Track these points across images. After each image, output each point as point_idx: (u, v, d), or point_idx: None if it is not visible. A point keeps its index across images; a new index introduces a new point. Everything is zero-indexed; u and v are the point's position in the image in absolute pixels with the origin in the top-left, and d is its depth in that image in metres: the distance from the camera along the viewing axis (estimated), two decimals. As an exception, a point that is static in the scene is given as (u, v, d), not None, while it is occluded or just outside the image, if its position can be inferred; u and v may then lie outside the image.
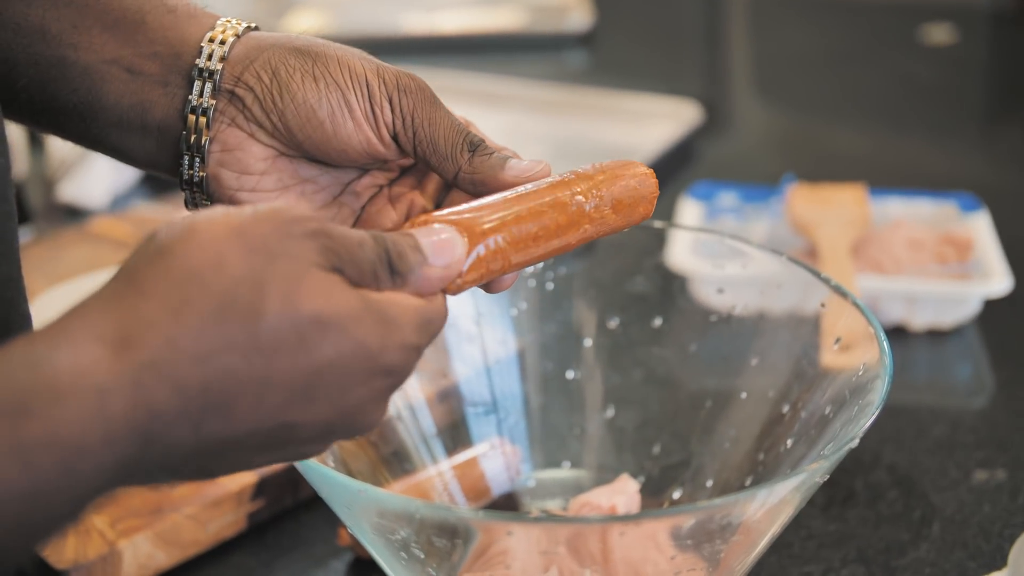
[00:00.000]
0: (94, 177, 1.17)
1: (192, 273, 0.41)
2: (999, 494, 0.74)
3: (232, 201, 0.55)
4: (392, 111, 0.54)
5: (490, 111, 1.38)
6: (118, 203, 1.18)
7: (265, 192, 0.55)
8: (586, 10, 1.71)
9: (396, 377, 0.45)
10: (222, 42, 0.54)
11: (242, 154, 0.54)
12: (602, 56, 1.68)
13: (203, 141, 0.54)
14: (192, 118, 0.54)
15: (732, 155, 1.35)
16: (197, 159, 0.54)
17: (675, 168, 1.26)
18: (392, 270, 0.45)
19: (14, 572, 0.60)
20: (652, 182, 0.55)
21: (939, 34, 1.64)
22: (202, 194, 0.55)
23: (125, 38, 0.54)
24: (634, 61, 1.68)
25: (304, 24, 1.73)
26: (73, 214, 1.17)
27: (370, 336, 0.43)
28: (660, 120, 1.34)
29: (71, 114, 0.55)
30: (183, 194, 0.56)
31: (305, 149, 0.54)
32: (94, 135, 0.56)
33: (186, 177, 0.55)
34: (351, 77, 0.54)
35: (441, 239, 0.47)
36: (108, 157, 0.57)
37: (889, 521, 0.73)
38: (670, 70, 1.63)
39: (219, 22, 0.55)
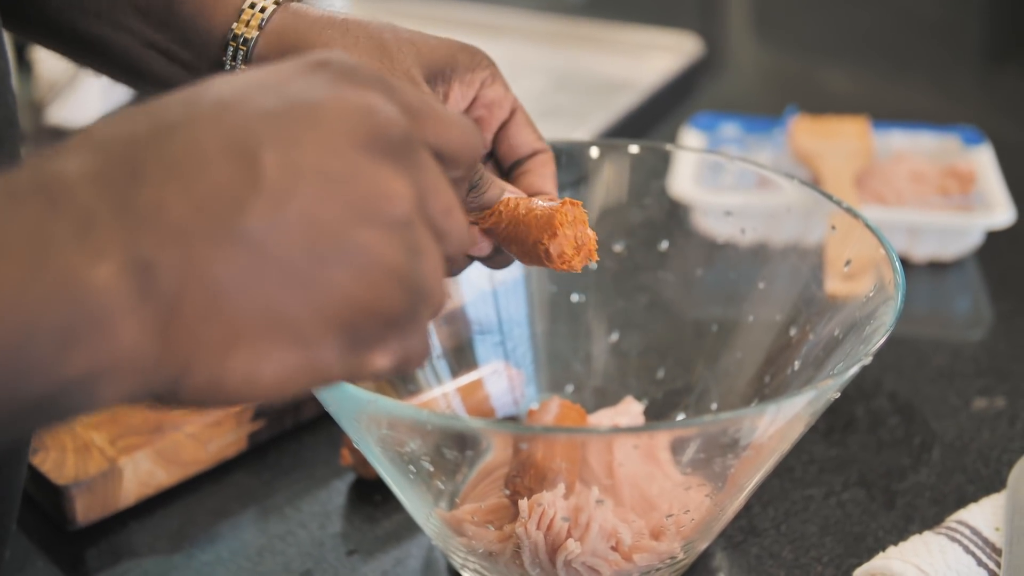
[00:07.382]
0: (84, 98, 1.16)
1: None
2: (998, 421, 0.75)
3: None
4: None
5: (489, 42, 1.35)
6: (109, 125, 1.17)
7: None
8: (585, -58, 1.69)
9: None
10: (244, 41, 0.56)
11: None
12: (601, -12, 1.66)
13: None
14: None
15: (731, 91, 1.34)
16: None
17: (674, 103, 1.25)
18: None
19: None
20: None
21: (940, -30, 1.62)
22: None
23: (157, 23, 0.56)
24: (633, -5, 1.66)
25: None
26: (63, 136, 1.16)
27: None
28: (659, 52, 1.32)
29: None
30: None
31: None
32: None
33: None
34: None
35: None
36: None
37: (890, 447, 0.73)
38: (669, 5, 1.62)
39: (244, 7, 0.56)
